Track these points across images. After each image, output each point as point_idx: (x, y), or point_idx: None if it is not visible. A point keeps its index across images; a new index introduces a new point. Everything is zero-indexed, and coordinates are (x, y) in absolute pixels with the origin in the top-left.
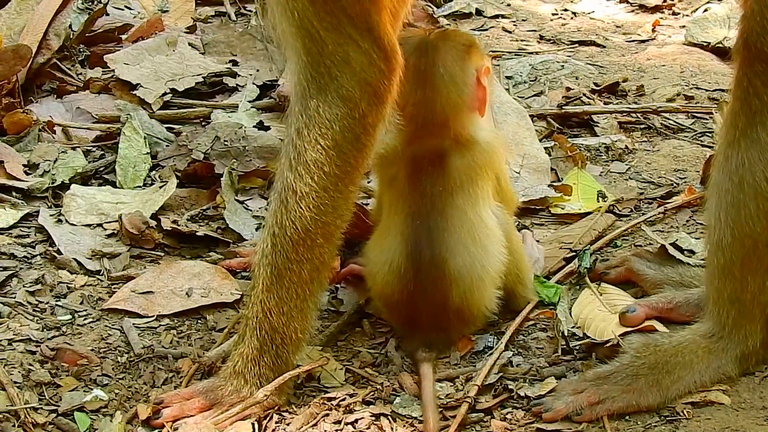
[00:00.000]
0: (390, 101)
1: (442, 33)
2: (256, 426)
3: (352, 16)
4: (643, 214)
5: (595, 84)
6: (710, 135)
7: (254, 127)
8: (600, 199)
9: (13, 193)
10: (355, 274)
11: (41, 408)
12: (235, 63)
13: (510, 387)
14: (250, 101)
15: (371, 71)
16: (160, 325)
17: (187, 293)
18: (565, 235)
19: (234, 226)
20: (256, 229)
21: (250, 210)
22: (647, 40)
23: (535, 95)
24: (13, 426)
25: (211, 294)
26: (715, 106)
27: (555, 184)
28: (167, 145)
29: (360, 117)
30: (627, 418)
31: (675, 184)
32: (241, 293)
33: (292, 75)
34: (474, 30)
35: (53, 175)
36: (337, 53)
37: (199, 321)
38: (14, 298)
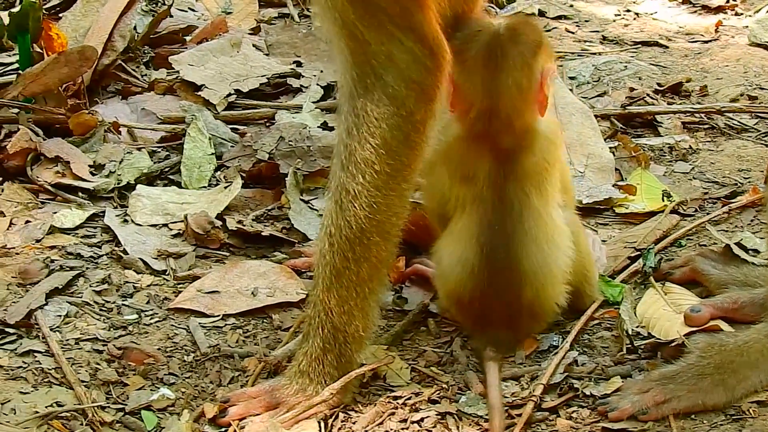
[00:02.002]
0: (438, 98)
1: (513, 31)
2: (322, 424)
3: (392, 15)
4: (708, 213)
5: (659, 84)
6: None
7: (318, 127)
8: (665, 198)
9: (80, 194)
10: (420, 274)
11: (109, 406)
12: (299, 64)
13: (575, 386)
14: (314, 102)
15: (416, 69)
16: (226, 325)
17: (252, 293)
18: (630, 235)
19: (299, 225)
20: None
21: (315, 209)
22: (710, 41)
23: (598, 96)
24: (81, 424)
25: (277, 293)
26: None
27: (619, 183)
28: (232, 146)
29: (408, 115)
30: (693, 417)
31: (739, 184)
32: (306, 293)
33: (340, 75)
34: None
35: (119, 175)
36: (381, 52)
37: (264, 320)
38: (81, 297)
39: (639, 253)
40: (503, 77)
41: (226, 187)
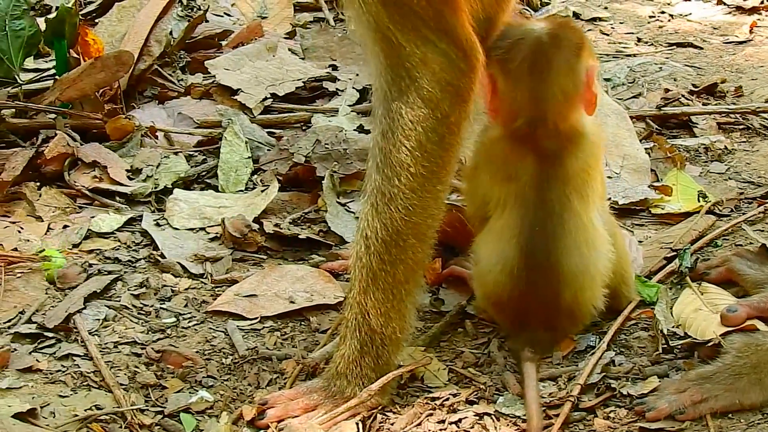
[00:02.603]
0: (473, 99)
1: (555, 37)
2: (361, 426)
3: (425, 19)
4: (743, 213)
5: (694, 85)
6: None
7: (354, 130)
8: (701, 198)
9: (117, 198)
10: (456, 275)
11: (147, 409)
12: (334, 67)
13: (613, 386)
14: (349, 105)
15: (451, 71)
16: (264, 327)
17: (290, 299)
18: (666, 236)
19: (336, 228)
20: None
21: (352, 212)
22: (745, 42)
23: (633, 97)
24: (120, 427)
25: (315, 297)
26: None
27: (655, 184)
28: (268, 150)
29: (443, 117)
30: (730, 416)
31: None
32: (343, 296)
33: (374, 78)
34: None
35: (156, 179)
36: (415, 55)
37: (302, 323)
38: (119, 301)
39: (675, 253)
40: (549, 85)
41: (262, 191)
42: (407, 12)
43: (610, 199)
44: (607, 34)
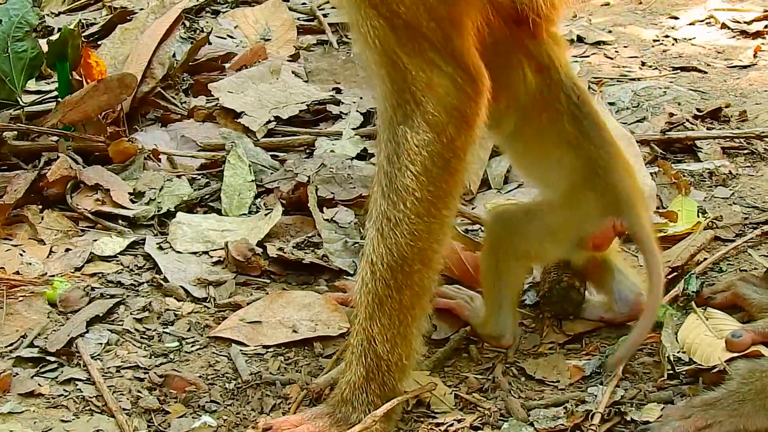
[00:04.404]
0: (479, 124)
1: None
2: None
3: (433, 42)
4: (748, 238)
5: (698, 110)
6: None
7: (359, 153)
8: (700, 214)
9: (120, 222)
10: (443, 308)
11: None
12: (338, 90)
13: (618, 412)
14: (353, 128)
15: (457, 95)
16: (268, 352)
17: (294, 329)
18: (665, 258)
19: (336, 260)
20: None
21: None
22: (749, 66)
23: (637, 121)
24: None
25: (319, 327)
26: None
27: (660, 210)
28: (272, 173)
29: (448, 142)
30: None
31: None
32: (348, 327)
33: (379, 102)
34: (576, 57)
35: (159, 203)
36: (420, 79)
37: (306, 348)
38: (122, 325)
39: (676, 273)
40: None
41: (266, 214)
42: (415, 35)
43: None
44: (611, 58)
